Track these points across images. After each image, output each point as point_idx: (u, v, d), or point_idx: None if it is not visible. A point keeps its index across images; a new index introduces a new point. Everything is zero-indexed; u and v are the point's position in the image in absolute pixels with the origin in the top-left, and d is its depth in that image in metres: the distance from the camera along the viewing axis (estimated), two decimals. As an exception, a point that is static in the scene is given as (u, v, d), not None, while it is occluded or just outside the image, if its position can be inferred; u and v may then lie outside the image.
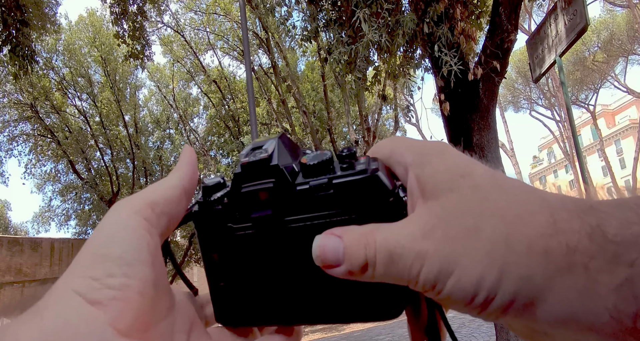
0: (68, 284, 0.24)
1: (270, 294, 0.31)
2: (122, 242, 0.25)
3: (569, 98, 4.44)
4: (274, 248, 0.30)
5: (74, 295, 0.23)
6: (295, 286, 0.30)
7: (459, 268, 0.23)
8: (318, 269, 0.27)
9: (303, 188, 0.28)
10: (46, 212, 20.90)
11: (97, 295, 0.23)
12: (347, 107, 14.39)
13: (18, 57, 7.19)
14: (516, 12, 4.44)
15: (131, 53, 8.43)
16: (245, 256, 0.31)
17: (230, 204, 0.30)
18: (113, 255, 0.24)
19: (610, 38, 24.76)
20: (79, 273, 0.24)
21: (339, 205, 0.28)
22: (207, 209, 0.31)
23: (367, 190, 0.27)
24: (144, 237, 0.26)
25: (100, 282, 0.23)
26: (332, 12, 5.38)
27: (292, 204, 0.28)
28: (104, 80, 18.34)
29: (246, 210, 0.29)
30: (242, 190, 0.29)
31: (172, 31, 18.26)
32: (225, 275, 0.32)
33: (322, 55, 9.76)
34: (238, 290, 0.32)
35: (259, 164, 0.28)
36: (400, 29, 4.63)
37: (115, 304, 0.23)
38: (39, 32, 7.76)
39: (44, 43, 15.39)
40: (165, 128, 21.66)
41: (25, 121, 17.52)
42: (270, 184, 0.28)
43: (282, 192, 0.28)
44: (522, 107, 30.60)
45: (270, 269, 0.30)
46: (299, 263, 0.29)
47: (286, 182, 0.28)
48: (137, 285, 0.24)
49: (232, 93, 19.26)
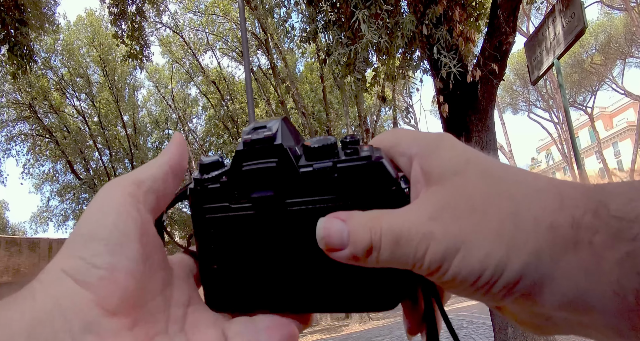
0: (59, 264, 0.24)
1: (266, 279, 0.30)
2: (109, 221, 0.25)
3: (566, 100, 4.45)
4: (272, 230, 0.29)
5: (64, 276, 0.23)
6: (293, 272, 0.29)
7: (465, 246, 0.23)
8: (317, 255, 0.27)
9: (307, 170, 0.28)
10: (44, 212, 20.86)
11: (86, 276, 0.23)
12: (346, 109, 14.41)
13: (16, 57, 7.18)
14: (514, 14, 4.46)
15: (130, 53, 8.41)
16: (242, 238, 0.29)
17: (229, 182, 0.29)
18: (100, 234, 0.25)
19: (608, 41, 24.85)
20: (69, 253, 0.24)
21: (342, 190, 0.27)
22: (203, 186, 0.29)
23: (371, 176, 0.27)
24: (130, 214, 0.26)
25: (87, 262, 0.24)
26: (331, 13, 5.39)
27: (294, 186, 0.28)
28: (102, 80, 18.33)
29: (246, 190, 0.28)
30: (243, 168, 0.28)
31: (171, 32, 18.27)
32: (219, 257, 0.30)
33: (321, 57, 9.77)
34: (232, 274, 0.30)
35: (263, 142, 0.28)
36: (399, 31, 4.64)
37: (103, 284, 0.23)
38: (37, 32, 7.75)
39: (42, 43, 15.38)
40: (164, 128, 21.64)
41: (24, 121, 17.49)
42: (274, 163, 0.28)
43: (284, 173, 0.28)
44: (520, 109, 30.68)
45: (267, 253, 0.29)
46: (297, 248, 0.29)
47: (290, 162, 0.28)
48: (124, 264, 0.24)
49: (231, 94, 19.26)
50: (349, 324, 16.14)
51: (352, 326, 15.46)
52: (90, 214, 0.26)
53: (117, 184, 0.27)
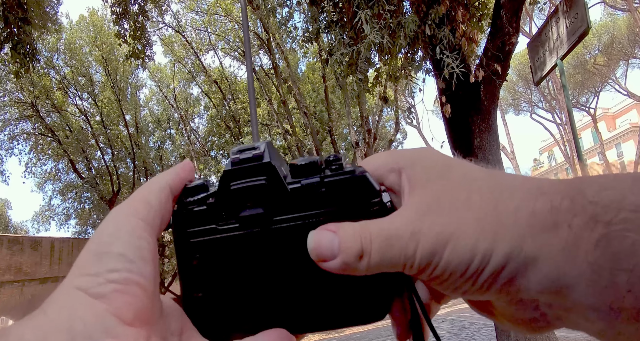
0: (70, 283, 0.24)
1: (256, 301, 0.29)
2: (123, 240, 0.25)
3: (569, 101, 4.43)
4: (261, 250, 0.28)
5: (77, 291, 0.23)
6: (284, 292, 0.29)
7: (453, 238, 0.25)
8: (307, 271, 0.28)
9: (295, 187, 0.28)
10: (46, 211, 20.92)
11: (100, 289, 0.23)
12: (348, 109, 14.39)
13: (19, 55, 7.19)
14: (517, 15, 4.44)
15: (132, 53, 8.42)
16: (230, 261, 0.29)
17: (216, 203, 0.29)
18: (114, 252, 0.25)
19: (611, 41, 24.77)
20: (81, 272, 0.24)
21: (329, 204, 0.28)
22: (188, 209, 0.29)
23: (356, 188, 0.28)
24: (143, 237, 0.26)
25: (102, 277, 0.24)
26: (334, 13, 5.37)
27: (283, 203, 0.28)
28: (104, 79, 18.35)
29: (235, 209, 0.28)
30: (231, 187, 0.28)
31: (173, 31, 18.27)
32: (205, 284, 0.29)
33: (323, 57, 9.76)
34: (219, 300, 0.29)
35: (251, 161, 0.28)
36: (401, 31, 4.63)
37: (118, 296, 0.23)
38: (40, 31, 7.76)
39: (45, 42, 15.40)
40: (166, 128, 21.66)
41: (26, 120, 17.53)
42: (263, 181, 0.28)
43: (274, 190, 0.28)
44: (522, 109, 30.61)
45: (256, 274, 0.29)
46: (287, 266, 0.28)
47: (278, 179, 0.28)
48: (139, 280, 0.25)
49: (233, 93, 19.26)
50: (350, 324, 16.12)
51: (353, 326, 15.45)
52: (102, 234, 0.26)
53: (128, 207, 0.27)
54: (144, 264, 0.25)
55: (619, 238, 0.22)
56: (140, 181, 19.14)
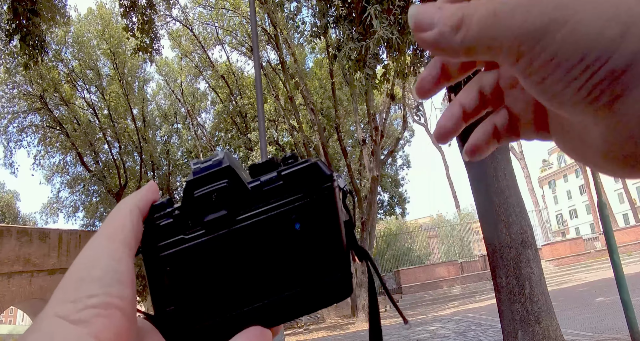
0: (51, 311, 0.24)
1: (228, 305, 0.30)
2: (102, 265, 0.26)
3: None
4: (230, 252, 0.29)
5: (57, 319, 0.24)
6: (254, 290, 0.30)
7: (575, 18, 0.20)
8: (274, 264, 0.29)
9: (255, 184, 0.29)
10: (54, 203, 21.11)
11: (80, 315, 0.24)
12: (355, 106, 14.31)
13: (28, 47, 7.22)
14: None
15: (140, 46, 8.42)
16: (199, 269, 0.30)
17: (182, 214, 0.29)
18: (93, 276, 0.25)
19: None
20: (61, 299, 0.25)
21: (288, 194, 0.29)
22: (154, 225, 0.30)
23: (309, 175, 0.29)
24: (122, 260, 0.27)
25: (82, 303, 0.24)
26: (342, 8, 5.31)
27: (245, 202, 0.29)
28: (112, 73, 18.43)
29: (200, 216, 0.29)
30: (195, 195, 0.29)
31: (180, 25, 18.28)
32: (176, 297, 0.30)
33: (331, 52, 9.68)
34: (191, 310, 0.30)
35: (212, 167, 0.29)
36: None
37: (98, 320, 0.24)
38: (48, 23, 7.77)
39: (53, 35, 15.47)
40: (173, 122, 21.72)
41: (35, 112, 17.66)
42: (225, 184, 0.29)
43: (235, 191, 0.29)
44: (531, 109, 30.32)
45: (226, 276, 0.30)
46: (255, 263, 0.29)
47: (239, 180, 0.29)
48: (118, 303, 0.25)
49: (240, 89, 19.25)
50: (355, 322, 16.12)
51: (358, 324, 15.45)
52: (83, 259, 0.26)
53: (105, 231, 0.28)
54: (122, 287, 0.26)
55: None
56: (147, 175, 19.23)
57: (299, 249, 0.29)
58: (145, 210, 0.30)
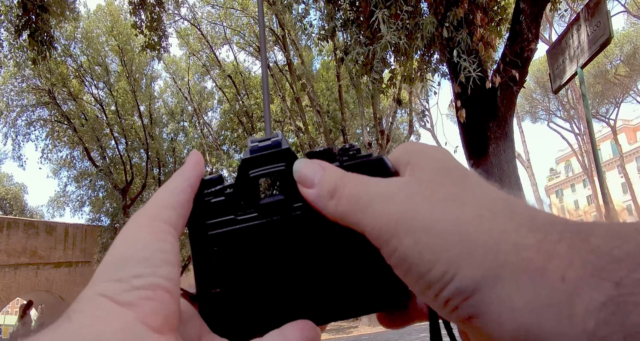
0: (94, 290, 0.23)
1: (277, 294, 0.28)
2: (147, 244, 0.25)
3: (589, 111, 4.28)
4: (282, 239, 0.28)
5: (102, 298, 0.22)
6: (305, 283, 0.28)
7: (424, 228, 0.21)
8: (329, 259, 0.27)
9: None
10: (61, 197, 21.24)
11: (127, 296, 0.22)
12: (361, 109, 14.28)
13: (37, 42, 7.26)
14: (537, 21, 4.31)
15: (148, 44, 8.46)
16: (249, 253, 0.28)
17: (235, 193, 0.28)
18: (139, 256, 0.24)
19: (634, 52, 24.20)
20: (104, 278, 0.23)
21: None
22: (204, 202, 0.28)
23: (373, 171, 0.27)
24: (167, 240, 0.25)
25: (128, 284, 0.23)
26: (350, 11, 5.29)
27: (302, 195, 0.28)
28: (120, 69, 18.53)
29: (254, 198, 0.28)
30: (250, 175, 0.28)
31: (189, 24, 18.35)
32: (223, 279, 0.28)
33: (338, 55, 9.68)
34: (238, 295, 0.28)
35: (270, 148, 0.28)
36: (419, 32, 4.54)
37: (145, 303, 0.22)
38: (57, 19, 7.83)
39: (62, 30, 15.58)
40: (180, 120, 21.80)
41: (43, 106, 17.79)
42: (282, 167, 0.28)
43: (293, 177, 0.28)
44: (540, 117, 30.13)
45: (277, 264, 0.28)
46: (309, 255, 0.28)
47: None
48: (165, 284, 0.24)
49: (247, 89, 19.28)
50: (358, 326, 16.06)
51: (361, 328, 15.39)
52: (124, 240, 0.25)
53: (149, 211, 0.27)
54: (169, 267, 0.24)
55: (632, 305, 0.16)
56: (152, 172, 19.31)
57: (357, 247, 0.27)
58: (196, 186, 0.29)
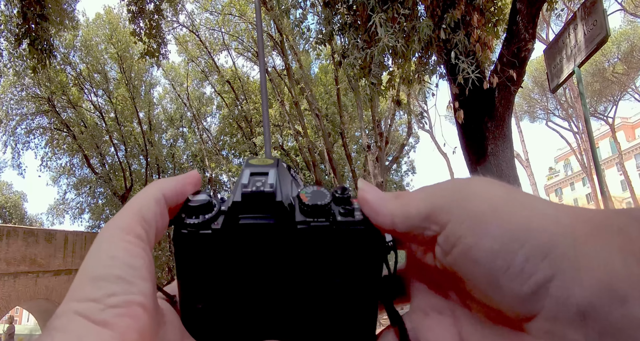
0: (70, 307, 0.24)
1: (256, 315, 0.30)
2: (120, 262, 0.25)
3: (587, 109, 4.32)
4: (265, 267, 0.29)
5: (80, 318, 0.23)
6: (282, 309, 0.30)
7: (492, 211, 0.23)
8: (306, 295, 0.30)
9: (303, 228, 0.28)
10: (61, 205, 21.22)
11: (103, 316, 0.23)
12: (360, 111, 14.32)
13: (37, 51, 7.31)
14: (534, 20, 4.34)
15: (147, 51, 8.51)
16: (231, 278, 0.30)
17: (222, 231, 0.29)
18: (112, 275, 0.24)
19: (631, 49, 24.28)
20: (79, 297, 0.24)
21: (336, 252, 0.29)
22: (191, 232, 0.29)
23: (364, 239, 0.29)
24: (139, 255, 0.26)
25: (103, 303, 0.23)
26: (348, 16, 5.33)
27: (289, 241, 0.29)
28: (119, 77, 18.59)
29: (241, 241, 0.29)
30: (240, 221, 0.28)
31: (187, 31, 18.42)
32: (205, 295, 0.30)
33: (336, 59, 9.73)
34: (219, 311, 0.30)
35: (263, 198, 0.28)
36: (416, 35, 4.57)
37: (121, 321, 0.23)
38: (57, 28, 7.88)
39: (61, 39, 15.63)
40: (179, 126, 21.84)
41: (42, 115, 17.82)
42: (272, 220, 0.28)
43: (281, 228, 0.28)
44: (538, 117, 30.17)
45: (256, 286, 0.30)
46: (287, 288, 0.30)
47: (288, 219, 0.28)
48: (139, 299, 0.24)
49: (246, 94, 19.33)
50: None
51: None
52: (97, 257, 0.25)
53: (121, 224, 0.27)
54: (142, 283, 0.25)
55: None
56: (152, 178, 19.31)
57: (332, 290, 0.30)
58: (174, 201, 0.29)
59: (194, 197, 0.29)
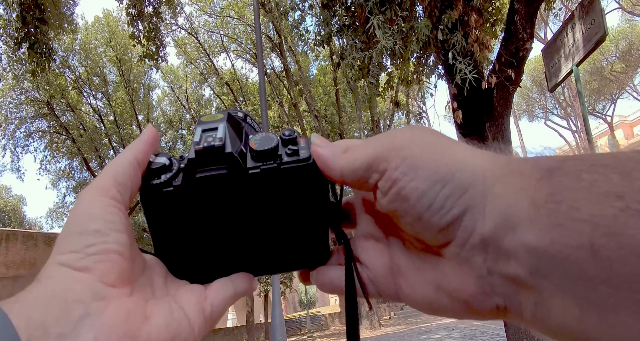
0: (54, 260, 0.27)
1: (221, 251, 0.35)
2: (97, 218, 0.28)
3: (585, 108, 4.33)
4: (224, 207, 0.32)
5: (63, 267, 0.26)
6: (245, 244, 0.34)
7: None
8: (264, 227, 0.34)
9: (255, 172, 0.31)
10: (60, 208, 21.21)
11: (82, 263, 0.26)
12: (359, 112, 14.34)
13: (36, 54, 7.31)
14: (532, 20, 4.36)
15: (146, 54, 8.51)
16: (199, 225, 0.33)
17: (182, 187, 0.31)
18: (90, 229, 0.28)
19: (629, 48, 24.35)
20: (62, 250, 0.27)
21: (285, 187, 0.32)
22: (155, 190, 0.32)
23: (309, 173, 0.32)
24: (115, 213, 0.29)
25: (82, 253, 0.27)
26: (346, 17, 5.35)
27: (243, 186, 0.31)
28: (118, 79, 18.59)
29: (201, 192, 0.31)
30: (196, 175, 0.31)
31: (186, 33, 18.44)
32: (174, 245, 0.34)
33: (334, 60, 9.77)
34: (190, 253, 0.34)
35: (213, 152, 0.30)
36: (414, 35, 4.59)
37: (99, 265, 0.27)
38: (56, 31, 7.88)
39: (61, 42, 15.66)
40: (178, 128, 21.83)
41: (42, 118, 17.81)
42: (224, 170, 0.31)
43: (235, 176, 0.31)
44: (537, 116, 30.22)
45: (222, 227, 0.33)
46: (247, 225, 0.33)
47: (239, 167, 0.31)
48: (115, 248, 0.28)
49: (244, 95, 19.34)
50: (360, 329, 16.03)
51: (362, 332, 15.34)
52: (77, 214, 0.29)
53: (97, 187, 0.30)
54: (118, 234, 0.28)
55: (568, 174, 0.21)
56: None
57: (288, 222, 0.34)
58: (144, 161, 0.32)
59: (155, 159, 0.33)
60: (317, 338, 16.77)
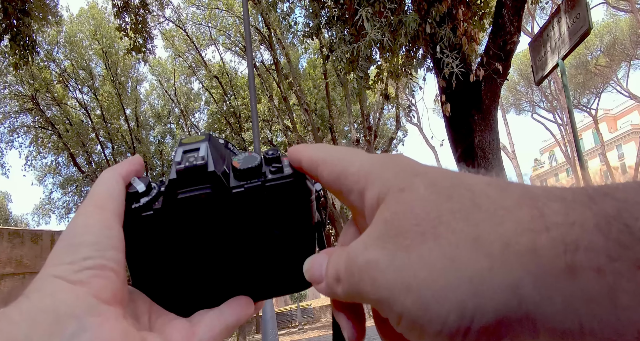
0: (47, 272, 0.26)
1: (202, 281, 0.33)
2: (95, 231, 0.27)
3: (571, 101, 4.41)
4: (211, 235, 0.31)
5: (56, 279, 0.25)
6: (226, 271, 0.33)
7: (417, 281, 0.19)
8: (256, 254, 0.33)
9: (239, 191, 0.30)
10: (47, 204, 20.88)
11: (78, 276, 0.25)
12: (348, 106, 14.35)
13: (19, 47, 7.17)
14: (519, 14, 4.41)
15: (133, 46, 8.40)
16: (182, 249, 0.32)
17: (163, 210, 0.30)
18: (88, 241, 0.27)
19: (613, 42, 24.69)
20: (57, 262, 0.26)
21: (270, 206, 0.31)
22: (135, 215, 0.31)
23: (294, 190, 0.31)
24: (112, 227, 0.28)
25: (79, 265, 0.25)
26: (335, 9, 5.34)
27: (227, 206, 0.30)
28: (105, 73, 18.29)
29: (183, 214, 0.30)
30: (178, 196, 0.29)
31: (174, 25, 18.19)
32: (156, 274, 0.33)
33: (324, 53, 9.74)
34: (169, 285, 0.33)
35: (196, 171, 0.29)
36: (402, 29, 4.60)
37: (95, 280, 0.25)
38: (40, 23, 7.73)
39: (45, 35, 15.34)
40: (167, 122, 21.61)
41: (26, 113, 17.48)
42: (208, 189, 0.29)
43: (218, 196, 0.30)
44: (524, 109, 30.56)
45: (207, 252, 0.32)
46: (232, 249, 0.32)
47: (223, 187, 0.30)
48: (112, 265, 0.27)
49: (234, 89, 19.21)
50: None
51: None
52: (76, 227, 0.28)
53: (94, 201, 0.29)
54: (115, 252, 0.27)
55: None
56: (140, 175, 19.10)
57: (273, 242, 0.33)
58: (127, 181, 0.32)
59: (134, 183, 0.32)
60: (308, 330, 16.89)
